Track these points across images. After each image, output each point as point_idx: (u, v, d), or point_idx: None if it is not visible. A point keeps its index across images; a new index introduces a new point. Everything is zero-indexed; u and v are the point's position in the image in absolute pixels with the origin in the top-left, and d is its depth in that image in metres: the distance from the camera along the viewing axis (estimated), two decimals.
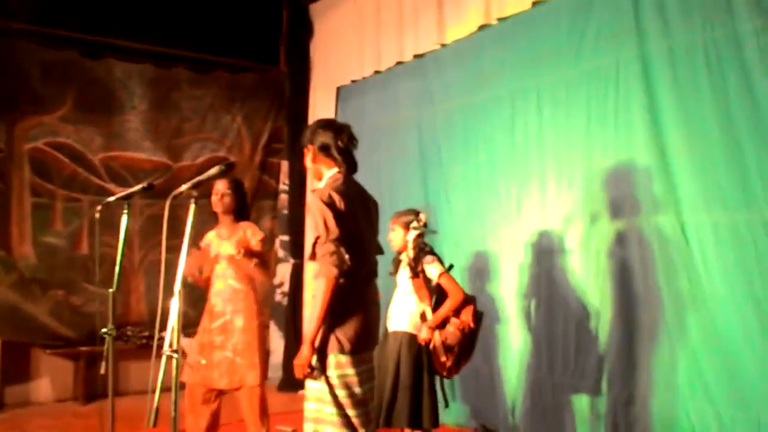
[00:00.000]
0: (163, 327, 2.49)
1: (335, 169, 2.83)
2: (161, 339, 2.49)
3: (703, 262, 3.54)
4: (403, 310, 3.70)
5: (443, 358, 3.57)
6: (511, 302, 4.61)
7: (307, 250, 2.72)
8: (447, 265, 3.73)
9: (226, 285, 3.85)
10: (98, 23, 6.03)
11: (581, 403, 4.12)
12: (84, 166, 6.12)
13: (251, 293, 3.80)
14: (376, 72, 5.82)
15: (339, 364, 2.67)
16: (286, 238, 6.77)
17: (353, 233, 2.69)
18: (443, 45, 5.16)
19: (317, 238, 2.66)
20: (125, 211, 3.52)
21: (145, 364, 5.99)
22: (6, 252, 5.75)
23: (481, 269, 4.81)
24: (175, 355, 2.43)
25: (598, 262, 4.06)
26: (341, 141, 2.83)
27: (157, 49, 6.37)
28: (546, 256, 4.38)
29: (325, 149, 2.83)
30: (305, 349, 2.65)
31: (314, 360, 2.65)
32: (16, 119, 5.82)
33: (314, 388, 2.71)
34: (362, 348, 2.73)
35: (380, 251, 2.99)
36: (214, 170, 2.64)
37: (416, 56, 5.39)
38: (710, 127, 3.51)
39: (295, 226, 6.64)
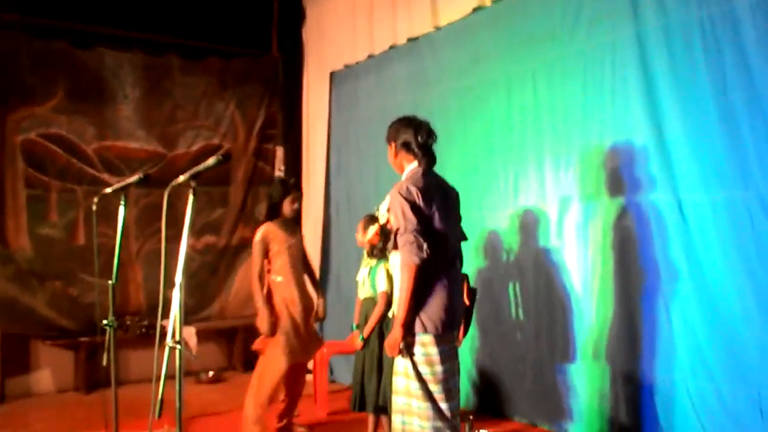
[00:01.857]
0: (164, 317, 2.49)
1: (415, 163, 3.04)
2: (163, 329, 2.48)
3: (702, 239, 3.55)
4: None
5: None
6: (511, 282, 4.63)
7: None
8: None
9: None
10: (87, 12, 5.96)
11: (582, 382, 4.14)
12: (77, 156, 6.06)
13: None
14: (370, 56, 5.78)
15: (423, 343, 2.89)
16: None
17: (431, 223, 2.90)
18: (437, 27, 5.12)
19: (397, 229, 2.88)
20: (122, 202, 3.53)
21: (144, 353, 6.08)
22: (2, 245, 5.72)
23: (478, 250, 4.82)
24: (179, 347, 2.43)
25: (595, 241, 4.07)
26: (421, 137, 3.03)
27: (147, 36, 6.31)
28: (544, 236, 4.39)
29: (406, 145, 3.04)
30: (396, 332, 2.87)
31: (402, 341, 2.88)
32: (7, 111, 5.75)
33: (402, 364, 2.94)
34: (444, 328, 2.92)
35: (463, 238, 3.20)
36: (211, 161, 2.64)
37: (410, 39, 5.35)
38: (707, 106, 3.50)
39: None
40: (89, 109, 6.11)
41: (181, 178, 2.58)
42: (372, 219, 4.10)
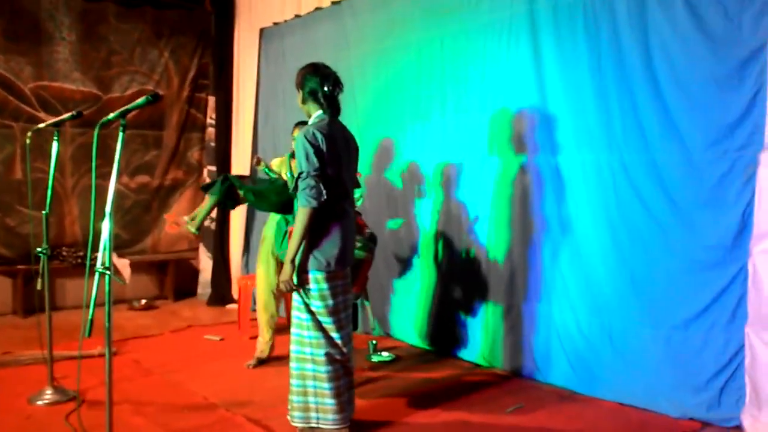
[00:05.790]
0: (96, 247, 2.43)
1: (321, 112, 2.90)
2: (94, 258, 2.43)
3: (573, 195, 3.74)
4: None
5: None
6: (418, 228, 4.75)
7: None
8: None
9: None
10: None
11: (475, 314, 4.34)
12: (14, 94, 5.69)
13: None
14: (297, 16, 5.64)
15: (316, 280, 2.84)
16: (213, 168, 6.61)
17: (332, 169, 2.80)
18: None
19: (300, 173, 2.75)
20: (55, 138, 3.38)
21: (79, 282, 5.91)
22: None
23: (388, 198, 4.90)
24: (108, 272, 2.39)
25: (488, 193, 4.21)
26: (327, 87, 2.89)
27: None
28: (443, 186, 4.50)
29: (312, 94, 2.90)
30: (287, 268, 2.80)
31: (295, 276, 2.81)
32: None
33: (297, 299, 2.90)
34: (336, 266, 2.87)
35: (357, 185, 3.14)
36: (140, 100, 2.55)
37: (334, 2, 5.24)
38: (584, 78, 3.63)
39: (222, 156, 6.50)
40: (26, 50, 5.72)
41: (111, 116, 2.49)
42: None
